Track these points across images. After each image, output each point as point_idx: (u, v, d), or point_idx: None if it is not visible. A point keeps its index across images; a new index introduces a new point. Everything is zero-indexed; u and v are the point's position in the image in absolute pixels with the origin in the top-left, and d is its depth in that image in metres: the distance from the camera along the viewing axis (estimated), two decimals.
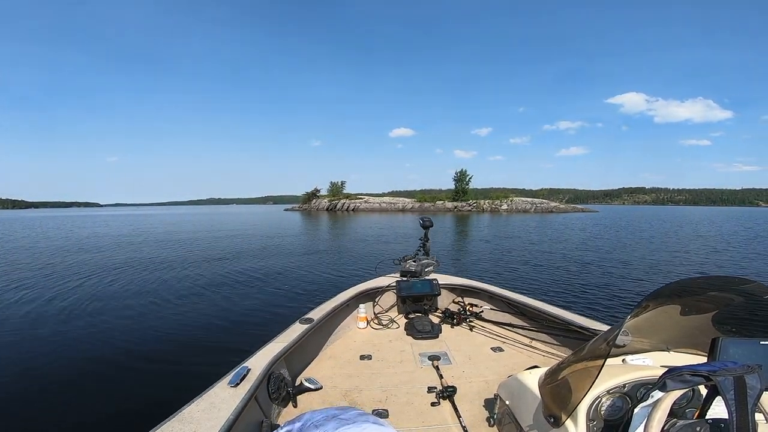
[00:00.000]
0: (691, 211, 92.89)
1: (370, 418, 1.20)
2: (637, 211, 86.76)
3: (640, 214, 59.62)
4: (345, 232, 24.79)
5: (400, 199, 77.84)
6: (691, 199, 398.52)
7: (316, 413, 1.24)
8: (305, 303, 6.74)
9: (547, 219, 42.78)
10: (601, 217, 48.28)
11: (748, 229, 27.92)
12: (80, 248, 16.11)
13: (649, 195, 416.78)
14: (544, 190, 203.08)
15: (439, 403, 2.15)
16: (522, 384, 1.58)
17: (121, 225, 34.59)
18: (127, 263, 11.69)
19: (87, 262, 12.01)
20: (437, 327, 3.29)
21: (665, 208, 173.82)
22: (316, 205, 74.16)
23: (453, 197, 73.57)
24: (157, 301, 7.09)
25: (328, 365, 2.73)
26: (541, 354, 2.81)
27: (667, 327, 1.53)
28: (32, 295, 7.67)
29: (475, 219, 41.62)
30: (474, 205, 67.14)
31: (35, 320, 6.03)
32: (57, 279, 9.30)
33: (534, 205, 67.03)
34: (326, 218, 44.59)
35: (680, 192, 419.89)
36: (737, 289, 1.30)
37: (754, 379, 0.87)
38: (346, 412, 1.25)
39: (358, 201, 71.23)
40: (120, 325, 5.70)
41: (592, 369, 1.15)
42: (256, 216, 56.43)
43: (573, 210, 72.93)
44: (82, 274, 9.96)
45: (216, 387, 1.71)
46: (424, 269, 4.02)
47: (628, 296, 7.45)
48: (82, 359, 4.52)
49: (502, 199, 68.77)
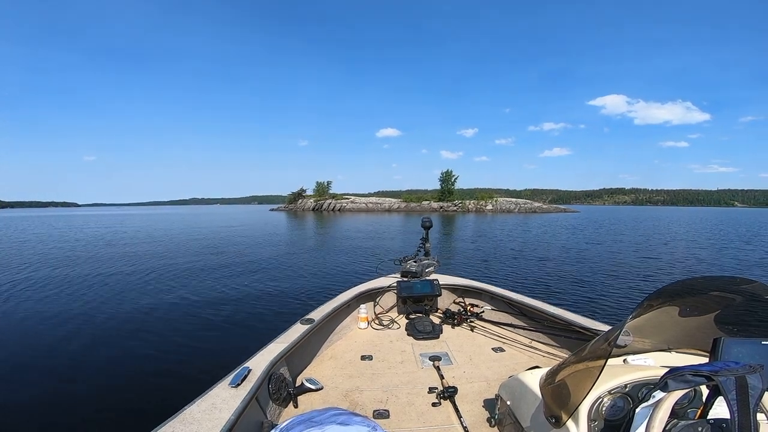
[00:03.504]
0: (672, 212, 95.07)
1: (341, 418, 1.20)
2: (619, 212, 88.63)
3: (633, 215, 60.62)
4: (335, 231, 24.72)
5: (386, 200, 77.83)
6: (669, 200, 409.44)
7: (295, 418, 1.25)
8: (306, 303, 6.77)
9: (530, 219, 43.47)
10: (584, 217, 49.24)
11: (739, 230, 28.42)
12: (73, 247, 15.98)
13: (629, 195, 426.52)
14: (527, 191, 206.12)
15: (440, 403, 2.16)
16: (523, 384, 1.58)
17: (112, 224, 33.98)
18: (125, 263, 11.54)
19: (84, 262, 11.88)
20: (438, 327, 3.29)
21: (645, 209, 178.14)
22: (302, 205, 73.54)
23: (439, 197, 73.94)
24: (157, 302, 7.03)
25: (328, 366, 2.72)
26: (542, 354, 2.82)
27: (669, 327, 1.53)
28: (32, 295, 7.62)
29: (461, 219, 41.97)
30: (459, 206, 67.62)
31: (35, 320, 5.98)
32: (57, 278, 9.22)
33: (518, 206, 68.05)
34: (313, 218, 44.33)
35: (659, 192, 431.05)
36: (739, 289, 1.29)
37: (756, 379, 0.86)
38: (321, 414, 1.25)
39: (344, 201, 70.93)
40: (121, 326, 5.65)
41: (593, 369, 1.14)
42: (244, 215, 55.84)
43: (555, 210, 74.08)
44: (79, 274, 9.87)
45: (217, 387, 1.71)
46: (425, 270, 4.02)
47: (627, 295, 7.57)
48: (83, 360, 4.51)
49: (487, 200, 69.51)
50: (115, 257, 12.90)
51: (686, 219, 49.84)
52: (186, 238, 19.79)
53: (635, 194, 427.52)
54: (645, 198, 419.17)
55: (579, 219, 44.72)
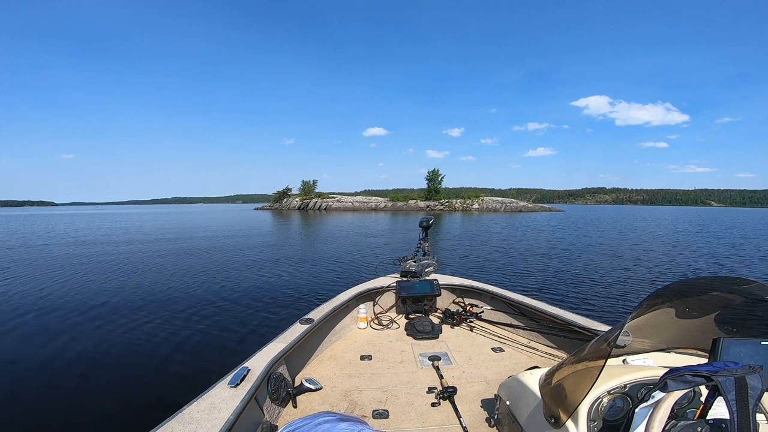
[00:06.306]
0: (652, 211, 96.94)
1: (325, 426, 1.19)
2: (602, 211, 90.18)
3: (616, 215, 61.53)
4: (326, 231, 24.56)
5: (372, 198, 77.62)
6: (648, 199, 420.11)
7: (284, 429, 1.25)
8: (305, 303, 6.74)
9: (516, 218, 44.03)
10: (569, 216, 50.14)
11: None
12: (71, 246, 15.69)
13: (610, 195, 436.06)
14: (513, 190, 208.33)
15: (439, 403, 2.17)
16: (522, 384, 1.59)
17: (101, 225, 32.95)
18: (122, 264, 11.31)
19: (80, 262, 11.73)
20: (437, 327, 3.29)
21: (626, 208, 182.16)
22: (287, 204, 72.86)
23: (425, 196, 74.21)
24: (155, 302, 6.93)
25: (328, 365, 2.72)
26: (542, 354, 2.83)
27: (668, 327, 1.54)
28: (30, 295, 7.50)
29: (449, 218, 42.20)
30: (446, 205, 67.97)
31: (34, 321, 5.89)
32: (56, 279, 9.07)
33: (504, 205, 68.70)
34: (300, 218, 44.02)
35: (638, 192, 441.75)
36: (738, 289, 1.30)
37: (756, 379, 0.87)
38: (308, 423, 1.25)
39: (330, 200, 70.54)
40: (119, 326, 5.57)
41: (592, 369, 1.15)
42: (228, 214, 55.08)
43: (540, 209, 75.05)
44: (75, 271, 9.82)
45: (216, 387, 1.71)
46: (424, 269, 4.03)
47: (626, 294, 7.68)
48: (83, 360, 4.45)
49: (473, 199, 69.98)
50: (112, 258, 12.60)
51: (671, 218, 50.98)
52: (177, 238, 19.46)
53: (616, 194, 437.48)
54: (625, 197, 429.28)
55: (564, 218, 45.58)
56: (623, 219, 44.89)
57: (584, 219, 43.01)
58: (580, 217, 49.60)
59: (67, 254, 13.56)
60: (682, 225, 34.07)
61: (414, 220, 35.33)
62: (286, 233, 23.07)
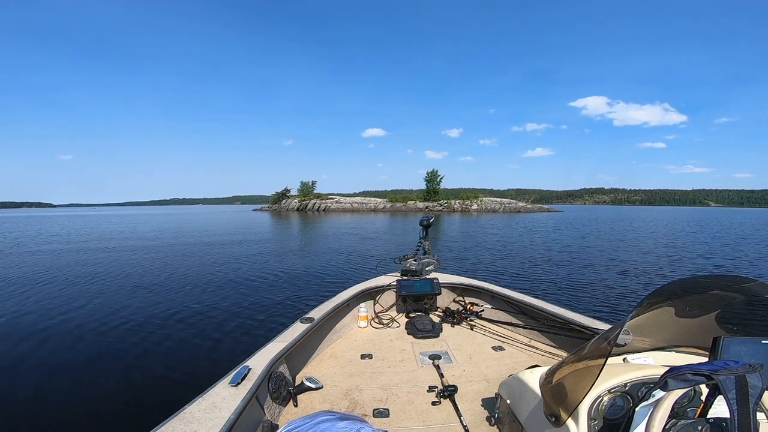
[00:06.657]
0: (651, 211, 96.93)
1: (324, 425, 1.19)
2: (600, 211, 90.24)
3: (615, 215, 61.54)
4: (325, 231, 24.56)
5: (371, 199, 77.51)
6: (646, 200, 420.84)
7: (284, 428, 1.25)
8: (305, 302, 6.75)
9: (515, 219, 43.96)
10: (568, 217, 50.09)
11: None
12: (70, 246, 15.70)
13: (608, 195, 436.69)
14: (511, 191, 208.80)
15: (439, 402, 2.17)
16: (523, 383, 1.59)
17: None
18: (121, 264, 11.35)
19: (81, 262, 11.74)
20: (438, 326, 3.29)
21: (624, 208, 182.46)
22: (286, 205, 72.65)
23: (424, 197, 74.07)
24: (156, 302, 6.94)
25: (328, 364, 2.72)
26: (542, 353, 2.83)
27: (669, 326, 1.53)
28: (29, 294, 7.54)
29: (448, 219, 42.16)
30: (445, 205, 67.92)
31: (34, 321, 5.88)
32: (56, 278, 9.11)
33: (503, 205, 68.74)
34: (299, 219, 43.97)
35: (636, 192, 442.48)
36: (739, 288, 1.30)
37: (756, 378, 0.87)
38: (307, 422, 1.24)
39: (329, 201, 70.39)
40: (121, 326, 5.58)
41: (593, 368, 1.15)
42: (227, 215, 55.03)
43: (539, 210, 75.09)
44: (79, 274, 9.73)
45: (217, 386, 1.71)
46: (425, 268, 4.03)
47: (625, 294, 7.70)
48: (84, 359, 4.46)
49: (472, 200, 69.88)
50: (111, 259, 12.61)
51: (669, 218, 51.01)
52: (177, 239, 19.47)
53: (614, 194, 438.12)
54: (623, 198, 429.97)
55: (563, 218, 45.54)
56: (621, 219, 44.95)
57: (582, 219, 43.04)
58: (578, 217, 49.58)
59: (68, 254, 13.55)
60: (680, 225, 34.22)
61: (413, 221, 35.36)
62: (286, 234, 23.04)
